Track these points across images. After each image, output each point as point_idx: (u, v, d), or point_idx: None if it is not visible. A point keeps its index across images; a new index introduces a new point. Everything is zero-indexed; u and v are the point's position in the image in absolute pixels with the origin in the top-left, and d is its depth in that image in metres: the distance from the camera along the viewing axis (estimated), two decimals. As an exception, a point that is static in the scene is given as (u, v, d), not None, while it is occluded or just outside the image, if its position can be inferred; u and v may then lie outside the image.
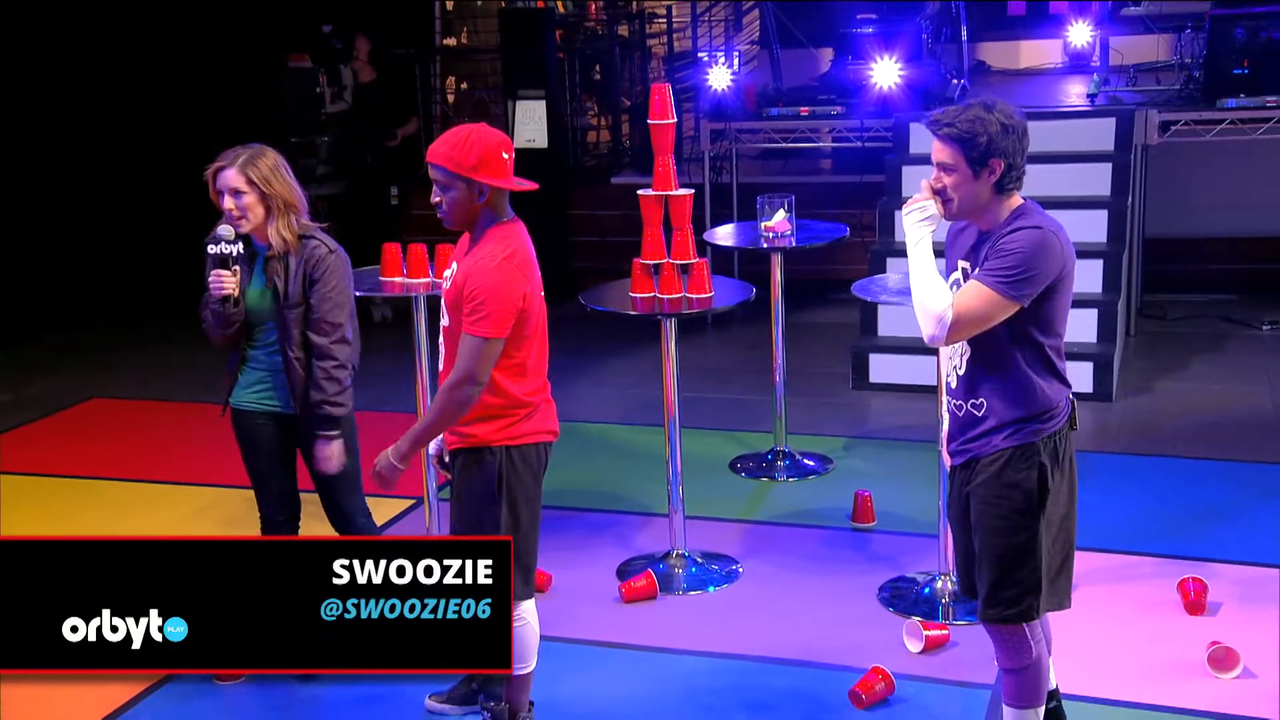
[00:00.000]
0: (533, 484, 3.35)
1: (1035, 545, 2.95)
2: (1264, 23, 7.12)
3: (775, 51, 8.69)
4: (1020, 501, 2.95)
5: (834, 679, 3.88)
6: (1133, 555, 4.67)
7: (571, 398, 6.87)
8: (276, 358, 3.74)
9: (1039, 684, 3.07)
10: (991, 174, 2.91)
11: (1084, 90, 8.24)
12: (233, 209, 3.60)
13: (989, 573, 3.00)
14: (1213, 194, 8.25)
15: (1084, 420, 6.12)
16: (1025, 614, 2.99)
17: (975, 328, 2.93)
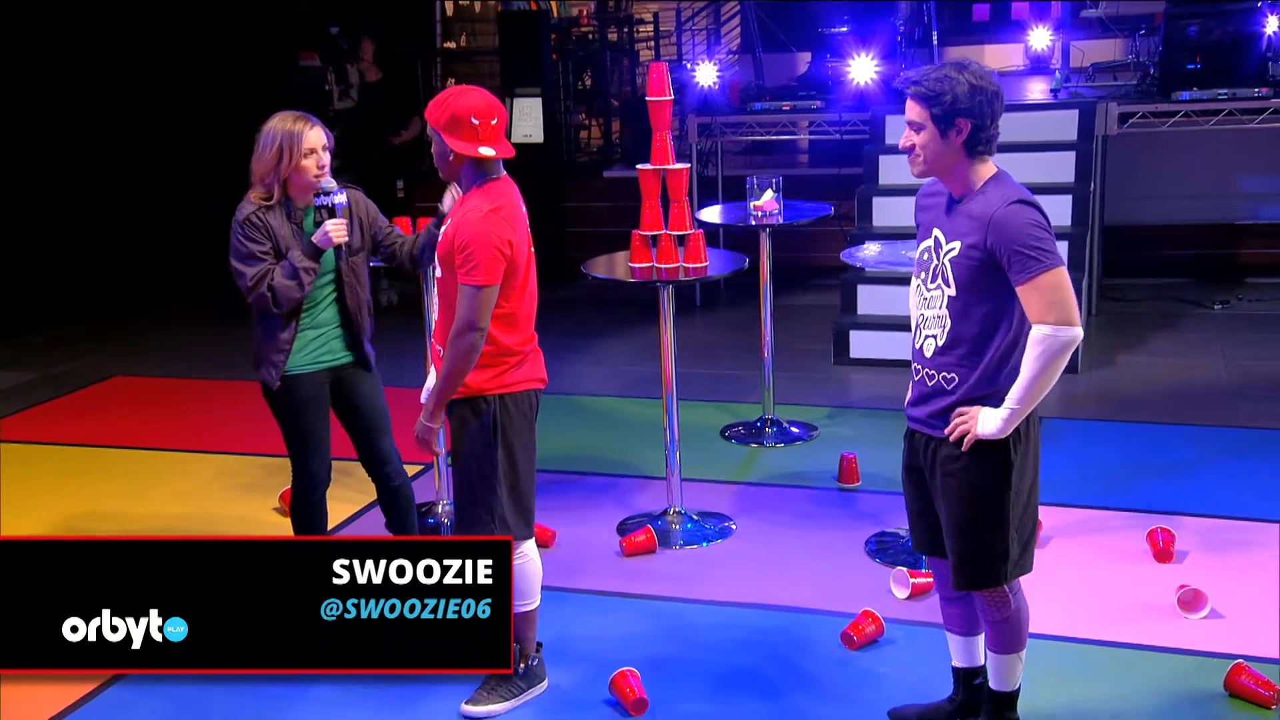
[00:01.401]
0: (527, 429, 3.33)
1: (1003, 516, 2.88)
2: (1214, 21, 7.13)
3: (758, 53, 8.66)
4: (988, 475, 2.86)
5: (826, 623, 3.84)
6: (1103, 510, 4.65)
7: (571, 373, 6.83)
8: (330, 312, 3.70)
9: (1018, 633, 3.03)
10: (959, 134, 2.78)
11: (1046, 88, 8.23)
12: (322, 165, 3.60)
13: (958, 542, 2.92)
14: (1166, 184, 8.26)
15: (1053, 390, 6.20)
16: (994, 580, 2.93)
17: (1073, 305, 2.77)
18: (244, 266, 3.60)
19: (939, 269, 2.87)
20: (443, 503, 4.75)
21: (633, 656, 3.64)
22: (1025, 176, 7.37)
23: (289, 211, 3.65)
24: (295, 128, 3.58)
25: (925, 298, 2.92)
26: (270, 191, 3.62)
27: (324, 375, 3.75)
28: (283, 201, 3.64)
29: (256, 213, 3.61)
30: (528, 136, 8.62)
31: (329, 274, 3.70)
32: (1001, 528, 2.88)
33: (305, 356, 3.71)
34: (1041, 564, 4.17)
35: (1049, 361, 2.74)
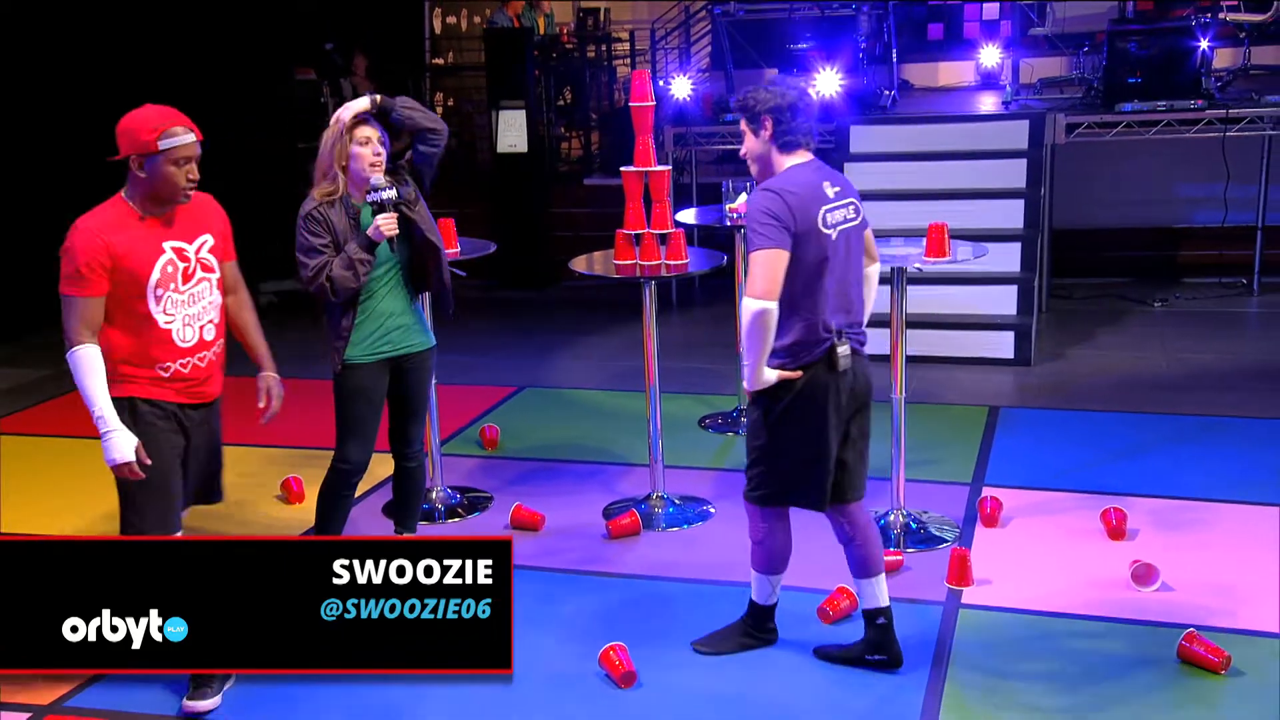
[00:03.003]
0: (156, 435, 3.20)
1: (769, 450, 3.22)
2: (1154, 38, 7.17)
3: (729, 68, 8.63)
4: (764, 414, 3.21)
5: (802, 599, 3.79)
6: (1059, 492, 4.64)
7: (557, 368, 6.77)
8: (389, 303, 3.67)
9: (769, 557, 3.40)
10: (766, 130, 3.12)
11: (997, 101, 8.25)
12: (378, 153, 3.57)
13: (746, 461, 3.31)
14: (1110, 191, 8.29)
15: (1007, 381, 6.21)
16: (761, 500, 3.30)
17: (772, 282, 3.04)
18: (305, 258, 3.60)
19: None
20: (437, 489, 4.67)
21: (621, 632, 3.58)
22: (980, 182, 7.45)
23: (347, 206, 3.64)
24: (346, 119, 3.59)
25: None
26: (334, 185, 3.61)
27: (382, 366, 3.73)
28: (344, 195, 3.63)
29: (318, 208, 3.61)
30: (513, 147, 8.54)
31: (388, 265, 3.68)
32: (761, 462, 3.25)
33: (362, 347, 3.70)
34: (1003, 542, 4.18)
35: (748, 326, 3.07)
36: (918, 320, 6.35)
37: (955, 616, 3.68)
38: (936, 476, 4.80)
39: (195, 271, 3.28)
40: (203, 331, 3.30)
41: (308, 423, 5.71)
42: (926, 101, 8.96)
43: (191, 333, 3.27)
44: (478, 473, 5.10)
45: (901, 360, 4.18)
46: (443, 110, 10.60)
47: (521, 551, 4.26)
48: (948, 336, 6.52)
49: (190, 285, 3.27)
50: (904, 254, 4.21)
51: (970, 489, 4.69)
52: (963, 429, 5.41)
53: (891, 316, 4.17)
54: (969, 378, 6.28)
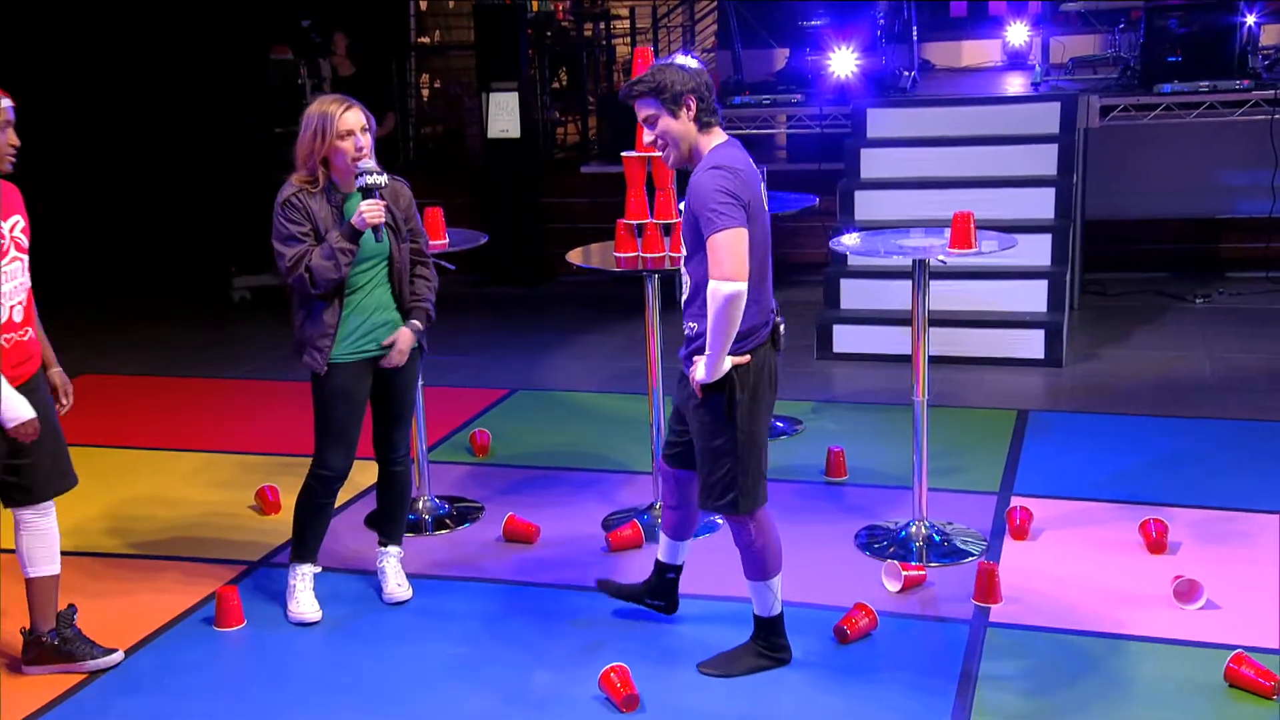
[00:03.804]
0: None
1: (732, 448, 3.23)
2: (1195, 13, 7.15)
3: (737, 49, 8.61)
4: (719, 409, 3.23)
5: (818, 616, 3.77)
6: (1092, 502, 4.62)
7: (552, 369, 6.76)
8: (375, 298, 3.69)
9: (764, 562, 3.37)
10: (689, 110, 3.17)
11: (1025, 82, 8.24)
12: (360, 147, 3.57)
13: (702, 470, 3.31)
14: (1146, 179, 8.28)
15: (1037, 383, 6.20)
16: (733, 507, 3.28)
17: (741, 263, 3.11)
18: (283, 247, 3.60)
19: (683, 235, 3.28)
20: (424, 498, 4.66)
21: (622, 652, 3.56)
22: (1008, 169, 7.45)
23: (329, 195, 3.64)
24: (330, 109, 3.58)
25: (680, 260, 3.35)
26: (313, 174, 3.62)
27: (365, 366, 3.73)
28: (326, 185, 3.63)
29: (296, 194, 3.62)
30: (504, 132, 8.53)
31: (374, 259, 3.68)
32: (730, 459, 3.24)
33: (344, 345, 3.70)
34: (1033, 556, 4.17)
35: (720, 310, 3.10)
36: (941, 318, 6.33)
37: (982, 636, 3.66)
38: (962, 485, 4.79)
39: (9, 250, 3.37)
40: (13, 312, 3.38)
41: (284, 428, 5.72)
42: (949, 83, 8.95)
43: (4, 312, 3.35)
44: (467, 481, 5.08)
45: (923, 360, 4.17)
46: (429, 93, 10.59)
47: (515, 566, 4.24)
48: (973, 335, 6.51)
49: (4, 263, 3.36)
50: (926, 246, 4.20)
51: (998, 499, 4.67)
52: (989, 434, 5.39)
53: (913, 313, 4.15)
54: (996, 379, 6.26)
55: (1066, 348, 6.48)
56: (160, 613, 3.95)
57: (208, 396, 6.50)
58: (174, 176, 9.18)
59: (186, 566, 4.30)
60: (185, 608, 3.98)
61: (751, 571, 3.41)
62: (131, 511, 4.87)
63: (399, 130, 9.47)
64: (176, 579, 4.20)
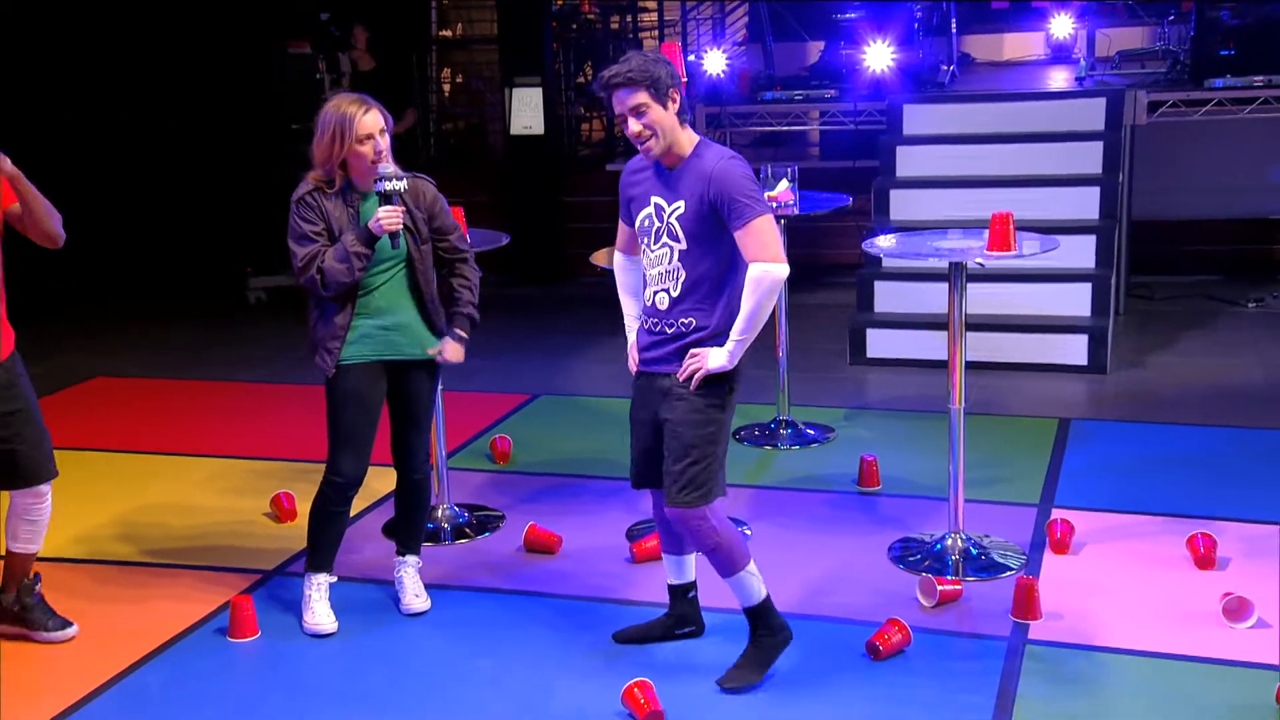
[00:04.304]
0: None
1: (718, 436, 3.39)
2: (1248, 5, 7.10)
3: (768, 42, 8.62)
4: (714, 399, 3.36)
5: (849, 632, 3.78)
6: (1137, 515, 4.60)
7: (574, 373, 6.79)
8: (392, 302, 3.72)
9: (733, 553, 3.45)
10: (674, 103, 3.29)
11: (1069, 76, 8.21)
12: (379, 151, 3.61)
13: (679, 463, 3.37)
14: (1197, 177, 8.23)
15: (1080, 390, 6.18)
16: (706, 497, 3.39)
17: (780, 245, 3.32)
18: (296, 246, 3.66)
19: (664, 230, 3.36)
20: (443, 506, 4.69)
21: (646, 666, 3.58)
22: (1051, 167, 7.43)
23: (346, 196, 3.68)
24: (349, 111, 3.59)
25: (652, 258, 3.41)
26: (330, 175, 3.66)
27: (378, 370, 3.76)
28: (344, 185, 3.67)
29: (311, 193, 3.67)
30: (527, 128, 8.58)
31: (390, 262, 3.71)
32: (713, 448, 3.38)
33: (360, 348, 3.73)
34: (1075, 571, 4.15)
35: (765, 295, 3.27)
36: (980, 322, 6.32)
37: (1021, 654, 3.65)
38: (1000, 497, 4.78)
39: None
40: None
41: (301, 432, 5.77)
42: (990, 77, 8.92)
43: None
44: (488, 489, 5.12)
45: (960, 366, 4.16)
46: (450, 88, 10.66)
47: (536, 577, 4.27)
48: (1013, 340, 6.49)
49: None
50: (963, 247, 4.20)
51: (1038, 511, 4.66)
52: (1030, 443, 5.38)
53: (950, 317, 4.15)
54: (1037, 386, 6.24)
55: (1111, 354, 6.45)
56: (172, 622, 3.99)
57: (222, 400, 6.56)
58: (188, 176, 9.28)
59: (199, 575, 4.35)
60: (198, 618, 4.02)
61: (725, 568, 3.47)
62: (144, 518, 4.93)
63: (420, 126, 9.53)
64: (189, 588, 4.25)
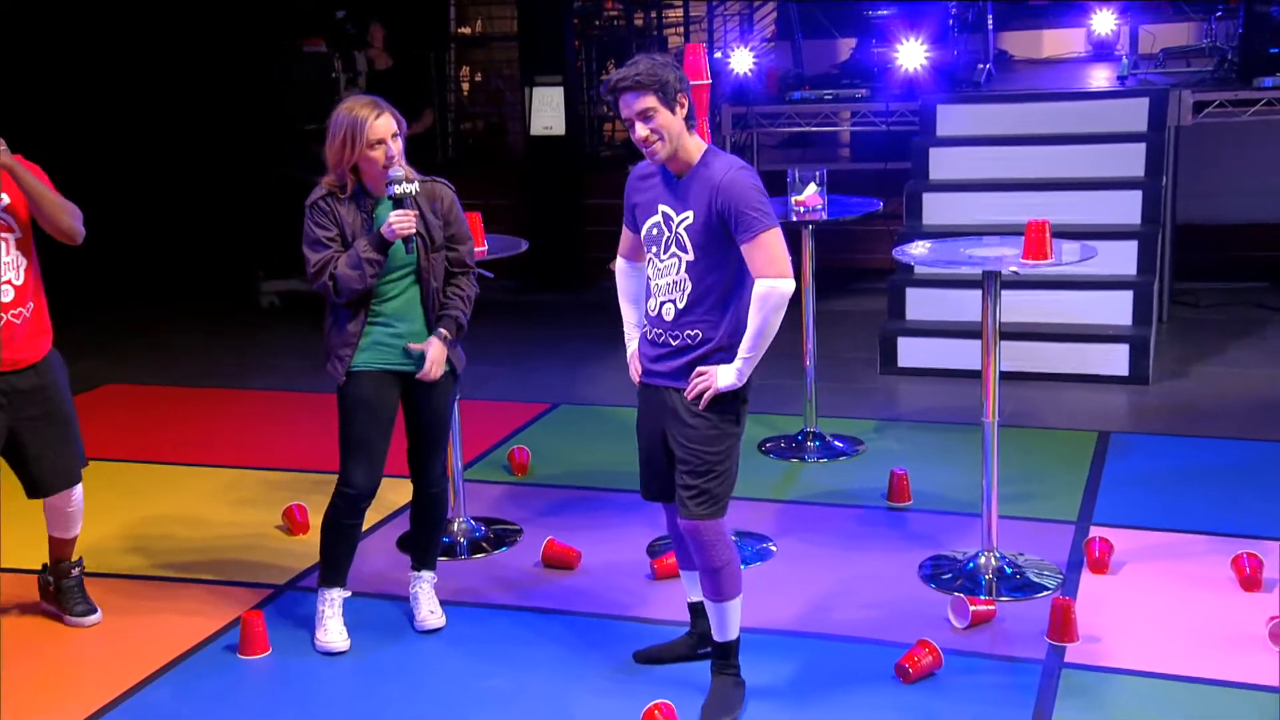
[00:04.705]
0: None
1: (733, 449, 3.42)
2: (1300, 1, 7.05)
3: (797, 39, 8.63)
4: (727, 414, 3.38)
5: (878, 653, 3.77)
6: (1181, 533, 4.57)
7: (594, 382, 6.80)
8: (405, 310, 3.74)
9: (736, 577, 3.47)
10: (682, 108, 3.31)
11: (1111, 75, 8.17)
12: (391, 156, 3.64)
13: (696, 479, 3.38)
14: (1244, 180, 8.17)
15: (1120, 402, 6.14)
16: (723, 510, 3.42)
17: (788, 259, 3.31)
18: (309, 252, 3.70)
19: (671, 239, 3.37)
20: (459, 520, 4.71)
21: (666, 687, 3.58)
22: (1091, 169, 7.39)
23: (359, 201, 3.71)
24: (361, 115, 3.62)
25: (660, 267, 3.42)
26: (342, 180, 3.70)
27: (389, 378, 3.79)
28: (355, 190, 3.71)
29: (325, 198, 3.71)
30: (548, 129, 8.61)
31: (403, 269, 3.74)
32: (729, 463, 3.41)
33: (372, 355, 3.76)
34: (1114, 592, 4.13)
35: (772, 312, 3.28)
36: (1016, 330, 6.30)
37: (1057, 678, 3.64)
38: (1036, 513, 4.76)
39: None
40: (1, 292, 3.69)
41: (314, 442, 5.80)
42: (1028, 76, 8.90)
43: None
44: (505, 502, 5.14)
45: (994, 378, 4.15)
46: (469, 86, 10.71)
47: (554, 593, 4.28)
48: (1051, 349, 6.46)
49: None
50: (997, 255, 4.18)
51: (1076, 528, 4.64)
52: (1067, 457, 5.35)
53: (983, 326, 4.14)
54: (1075, 397, 6.21)
55: (1153, 364, 6.41)
56: (181, 638, 4.02)
57: (233, 408, 6.62)
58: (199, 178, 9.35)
59: (209, 589, 4.39)
60: (208, 633, 4.06)
61: (721, 591, 3.45)
62: (152, 530, 4.97)
63: (437, 126, 9.59)
64: (199, 602, 4.29)
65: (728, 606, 3.48)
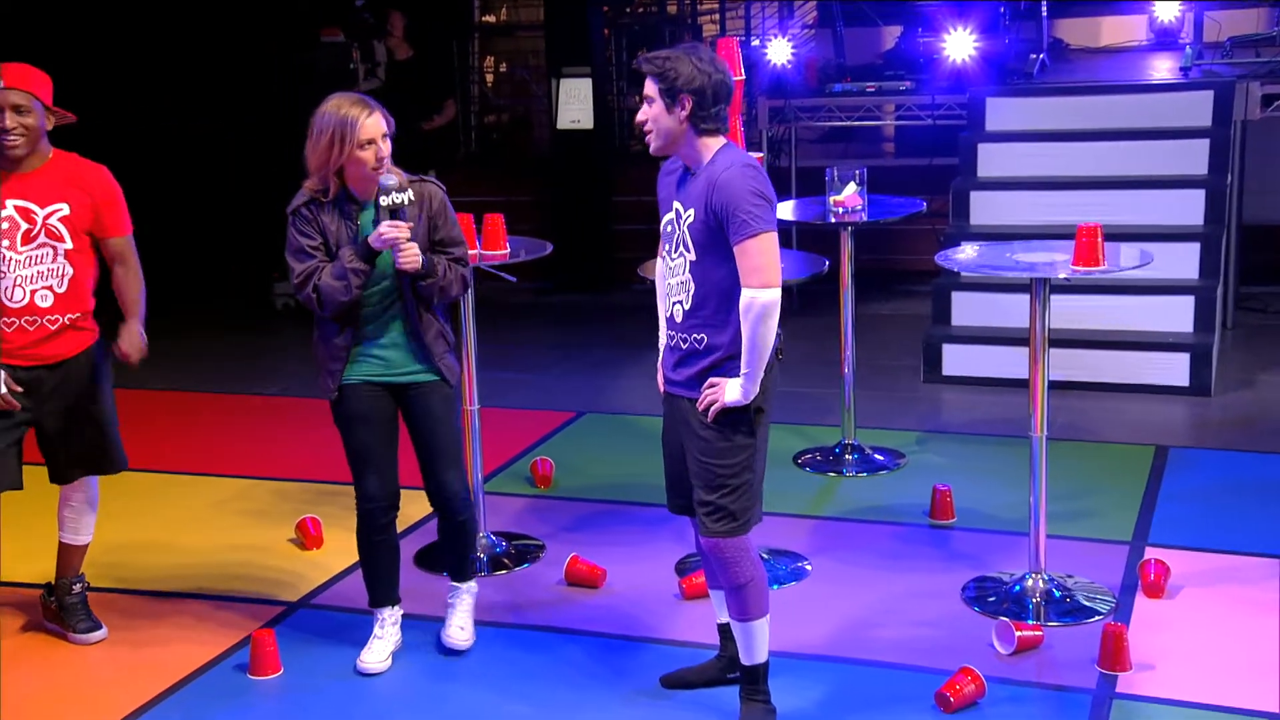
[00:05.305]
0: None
1: (751, 463, 3.43)
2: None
3: (838, 27, 8.63)
4: (739, 426, 3.39)
5: (917, 680, 3.77)
6: (1242, 556, 4.54)
7: (622, 389, 6.82)
8: (390, 320, 3.76)
9: (762, 596, 3.50)
10: (683, 109, 3.32)
11: (1174, 66, 8.11)
12: (382, 157, 3.65)
13: (713, 494, 3.42)
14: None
15: (1179, 414, 6.11)
16: (745, 527, 3.46)
17: (777, 267, 3.32)
18: (293, 261, 3.73)
19: (680, 237, 3.41)
20: (480, 536, 4.74)
21: (694, 712, 3.60)
22: (1149, 168, 7.35)
23: (342, 207, 3.71)
24: (350, 114, 3.61)
25: (670, 266, 3.48)
26: (324, 184, 3.70)
27: (379, 390, 3.81)
28: (339, 195, 3.70)
29: (307, 204, 3.72)
30: (575, 122, 8.64)
31: (388, 281, 3.73)
32: (748, 475, 3.43)
33: (362, 368, 3.79)
34: (1169, 617, 4.11)
35: (759, 323, 3.29)
36: (1069, 337, 6.28)
37: (1108, 708, 3.63)
38: (1087, 533, 4.74)
39: (39, 236, 3.86)
40: (34, 296, 3.87)
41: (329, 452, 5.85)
42: (1084, 67, 8.85)
43: (21, 294, 3.86)
44: (527, 515, 5.17)
45: (1042, 389, 4.14)
46: (493, 77, 10.76)
47: (577, 613, 4.31)
48: (1106, 358, 6.43)
49: (30, 248, 3.86)
50: (1047, 261, 4.17)
51: (1130, 549, 4.62)
52: (1122, 473, 5.33)
53: (1031, 334, 4.13)
54: (1132, 409, 6.18)
55: (1216, 374, 6.37)
56: (189, 657, 4.07)
57: (244, 415, 6.69)
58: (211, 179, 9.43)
59: (218, 606, 4.44)
60: (217, 652, 4.10)
61: (747, 610, 3.48)
62: (158, 541, 5.04)
63: (460, 119, 9.65)
64: (207, 619, 4.34)
65: (754, 626, 3.50)
